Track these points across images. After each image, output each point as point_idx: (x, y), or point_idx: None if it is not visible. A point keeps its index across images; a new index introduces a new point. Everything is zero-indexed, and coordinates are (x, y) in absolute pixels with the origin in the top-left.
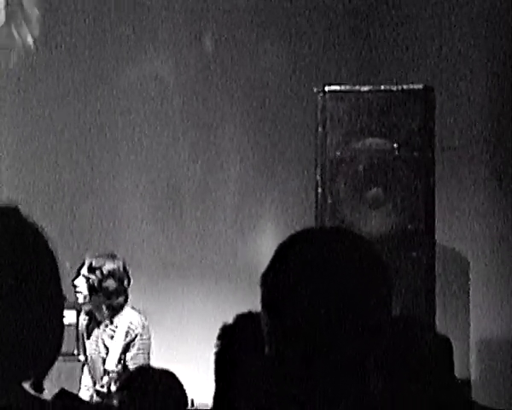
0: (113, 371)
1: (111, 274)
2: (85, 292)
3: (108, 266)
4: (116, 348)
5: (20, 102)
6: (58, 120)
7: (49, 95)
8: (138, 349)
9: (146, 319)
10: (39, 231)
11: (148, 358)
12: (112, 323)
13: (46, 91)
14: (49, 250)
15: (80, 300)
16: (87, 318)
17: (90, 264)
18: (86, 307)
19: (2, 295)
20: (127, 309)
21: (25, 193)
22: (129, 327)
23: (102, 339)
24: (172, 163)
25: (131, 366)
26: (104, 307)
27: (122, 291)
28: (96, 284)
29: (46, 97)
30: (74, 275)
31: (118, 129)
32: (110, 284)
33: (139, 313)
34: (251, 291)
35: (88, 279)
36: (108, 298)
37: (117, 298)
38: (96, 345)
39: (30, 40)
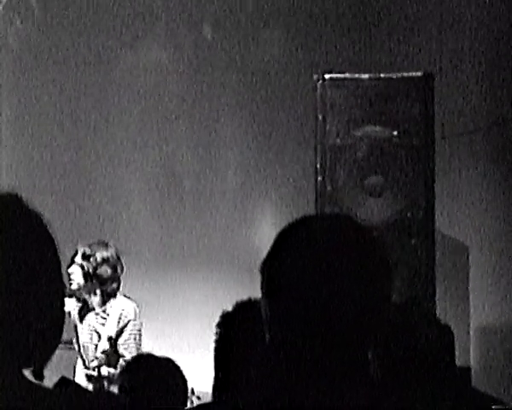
0: (102, 352)
1: (105, 261)
2: (80, 280)
3: (102, 254)
4: (108, 334)
5: (19, 87)
6: (56, 106)
7: (47, 79)
8: (130, 335)
9: (138, 306)
10: (40, 219)
11: (140, 345)
12: (104, 311)
13: (45, 76)
14: (49, 237)
15: (74, 286)
16: (79, 305)
17: (84, 252)
18: (78, 295)
19: (3, 283)
20: (119, 297)
21: (23, 180)
22: (121, 314)
23: (94, 327)
24: (171, 150)
25: (122, 351)
26: (98, 294)
27: (116, 278)
28: (90, 271)
29: (45, 82)
30: (68, 263)
31: (116, 115)
32: (104, 270)
33: (131, 300)
34: (251, 278)
35: (82, 267)
36: (102, 284)
37: (111, 284)
38: (89, 332)
39: (29, 23)
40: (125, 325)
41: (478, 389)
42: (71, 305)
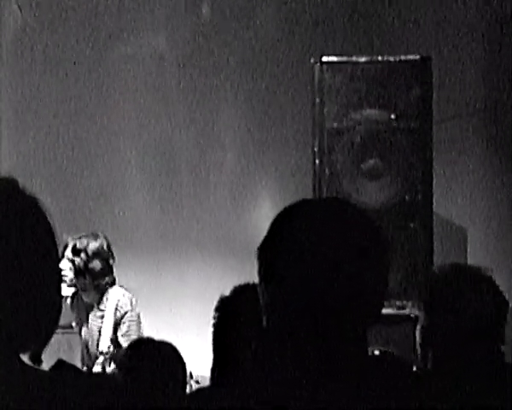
0: (107, 353)
1: (95, 254)
2: (71, 275)
3: (92, 246)
4: (107, 327)
5: (17, 76)
6: (54, 95)
7: (45, 68)
8: (129, 326)
9: (133, 295)
10: (37, 204)
11: (139, 334)
12: (101, 303)
13: (43, 65)
14: (47, 222)
15: (67, 283)
16: (70, 300)
17: (74, 245)
18: (71, 291)
19: (0, 267)
20: (114, 288)
21: (21, 166)
22: (117, 305)
23: (93, 321)
24: (168, 136)
25: (123, 342)
26: (92, 289)
27: (108, 271)
28: (81, 267)
29: (43, 71)
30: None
31: (114, 102)
32: (96, 264)
33: (125, 290)
34: (249, 263)
35: (73, 262)
36: (95, 279)
37: (104, 278)
38: (88, 328)
39: (28, 12)
40: (122, 317)
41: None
42: (68, 293)
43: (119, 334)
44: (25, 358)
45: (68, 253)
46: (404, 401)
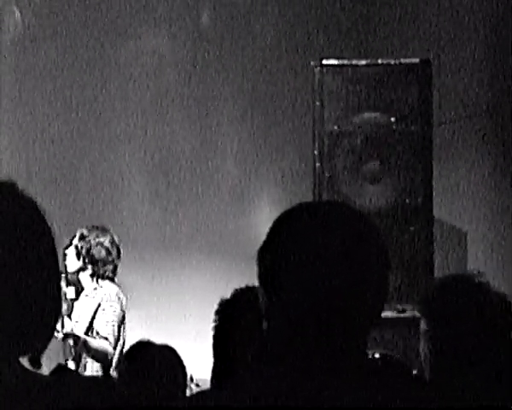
0: (66, 334)
1: (99, 244)
2: (74, 260)
3: (98, 237)
4: (87, 316)
5: (18, 77)
6: (55, 95)
7: (46, 69)
8: (108, 319)
9: (126, 297)
10: (36, 207)
11: (119, 331)
12: (91, 293)
13: (43, 66)
14: (45, 225)
15: (69, 268)
16: (73, 291)
17: (82, 234)
18: (73, 279)
19: None
20: (106, 282)
21: (21, 167)
22: (104, 294)
23: (79, 307)
24: (169, 138)
25: (100, 329)
26: (88, 273)
27: (108, 262)
28: (83, 252)
29: (43, 72)
30: (66, 245)
31: (115, 103)
32: (97, 251)
33: (116, 285)
34: (249, 266)
35: (77, 247)
36: (94, 265)
37: (102, 267)
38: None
39: (28, 13)
40: (104, 309)
41: None
42: (70, 293)
43: (95, 322)
44: (24, 361)
45: (75, 240)
46: (403, 404)
